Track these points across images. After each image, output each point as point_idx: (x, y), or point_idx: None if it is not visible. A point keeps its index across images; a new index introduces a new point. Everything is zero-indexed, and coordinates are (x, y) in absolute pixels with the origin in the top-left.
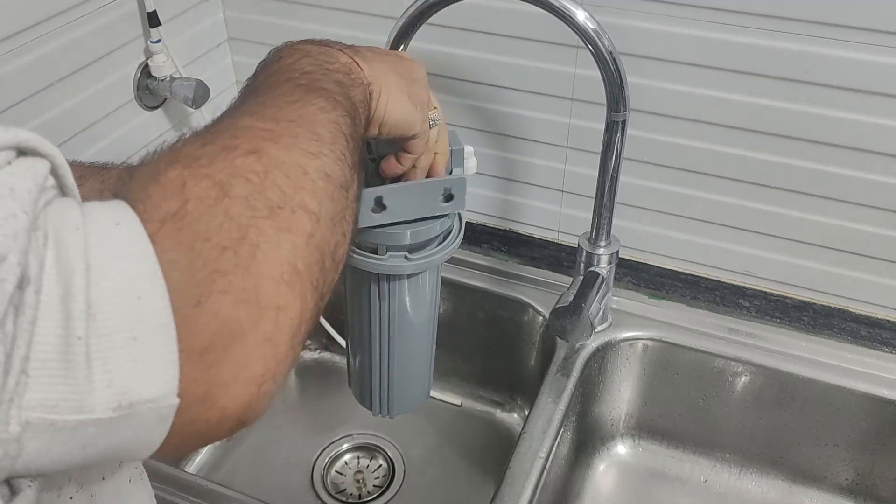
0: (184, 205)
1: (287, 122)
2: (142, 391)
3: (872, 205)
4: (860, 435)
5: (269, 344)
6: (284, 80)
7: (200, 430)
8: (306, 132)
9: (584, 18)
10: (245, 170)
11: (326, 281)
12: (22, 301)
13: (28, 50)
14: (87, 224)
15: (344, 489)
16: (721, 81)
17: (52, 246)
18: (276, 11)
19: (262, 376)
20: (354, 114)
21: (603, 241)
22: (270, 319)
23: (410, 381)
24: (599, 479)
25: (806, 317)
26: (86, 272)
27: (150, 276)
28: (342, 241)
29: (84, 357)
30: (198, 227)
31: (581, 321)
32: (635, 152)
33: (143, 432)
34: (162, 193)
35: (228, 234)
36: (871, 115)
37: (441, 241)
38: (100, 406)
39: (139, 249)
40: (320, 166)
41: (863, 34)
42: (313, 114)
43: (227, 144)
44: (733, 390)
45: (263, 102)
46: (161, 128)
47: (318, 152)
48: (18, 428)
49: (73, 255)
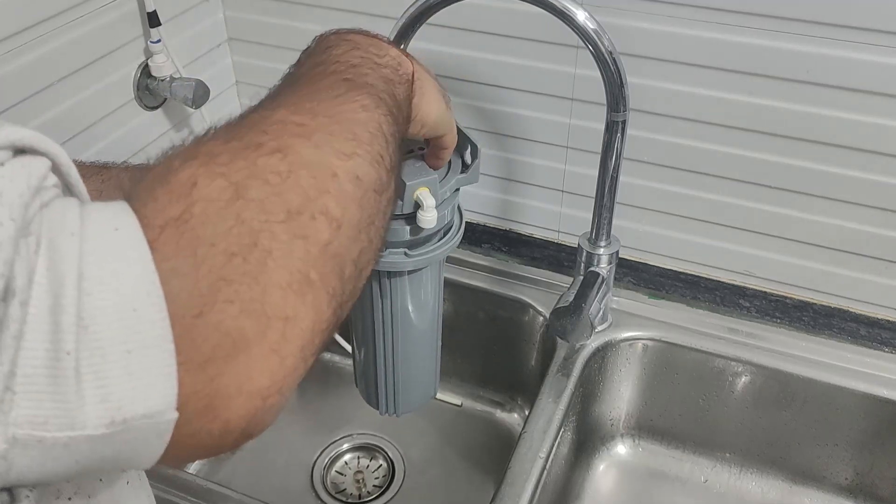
0: (189, 207)
1: (324, 118)
2: (137, 406)
3: (872, 205)
4: (860, 435)
5: (275, 356)
6: (330, 72)
7: (203, 443)
8: (343, 130)
9: (584, 18)
10: (266, 170)
11: (346, 290)
12: (6, 314)
13: (28, 50)
14: (84, 228)
15: (344, 489)
16: (721, 81)
17: (44, 253)
18: (276, 11)
19: (268, 389)
20: (398, 113)
21: (603, 241)
22: (277, 330)
23: (416, 379)
24: (599, 479)
25: (806, 317)
26: (78, 282)
27: (148, 286)
28: (367, 247)
29: (73, 372)
30: (202, 232)
31: (581, 321)
32: (635, 152)
33: (142, 447)
34: (169, 196)
35: (238, 240)
36: (871, 115)
37: (441, 238)
38: (91, 422)
39: (137, 256)
40: (352, 168)
41: (863, 34)
42: (354, 111)
43: (252, 141)
44: (733, 390)
45: (303, 95)
46: (161, 128)
47: (353, 153)
48: (5, 445)
49: (65, 264)
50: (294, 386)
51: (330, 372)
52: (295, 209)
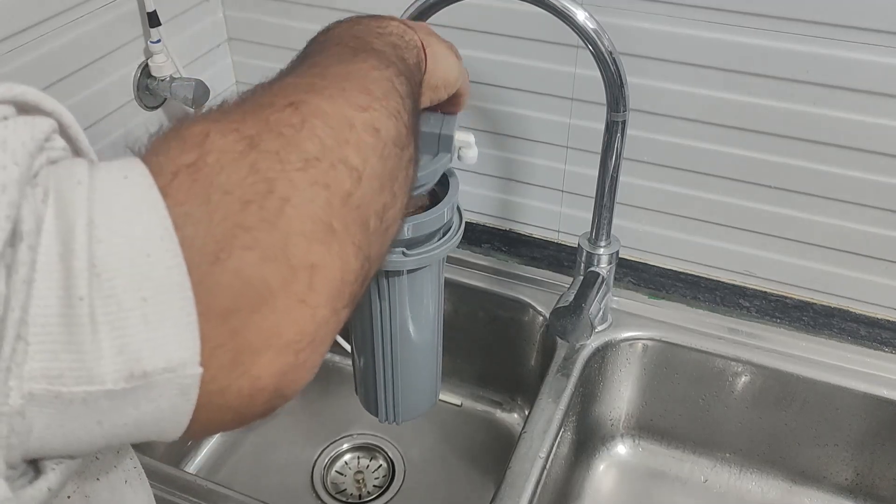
0: (203, 157)
1: (334, 77)
2: (157, 358)
3: (873, 205)
4: (860, 435)
5: (303, 306)
6: (334, 44)
7: (232, 403)
8: (355, 86)
9: (584, 18)
10: (280, 124)
11: (373, 244)
12: (15, 258)
13: (28, 50)
14: (92, 178)
15: (344, 489)
16: (721, 81)
17: (52, 203)
18: (276, 11)
19: (299, 343)
20: (410, 76)
21: (603, 241)
22: (303, 279)
23: (416, 385)
24: (599, 479)
25: (806, 317)
26: (88, 228)
27: (161, 231)
28: (391, 202)
29: (88, 320)
30: (217, 180)
31: (581, 321)
32: (635, 152)
33: (167, 407)
34: (181, 146)
35: (253, 188)
36: (871, 115)
37: (440, 238)
38: (110, 376)
39: (149, 202)
40: (369, 120)
41: (863, 34)
42: (365, 71)
43: (263, 101)
44: (733, 390)
45: (311, 63)
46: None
47: (368, 106)
48: (21, 400)
49: (74, 211)
50: (329, 341)
51: (331, 372)
52: (313, 156)
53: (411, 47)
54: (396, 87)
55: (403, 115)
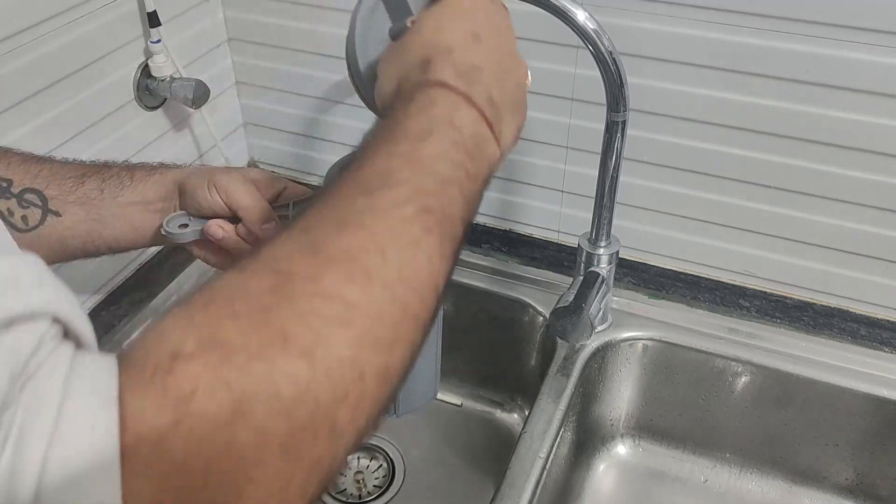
0: (178, 423)
1: (380, 289)
2: None
3: (873, 205)
4: (860, 435)
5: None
6: (403, 184)
7: None
8: (394, 310)
9: (584, 18)
10: (284, 378)
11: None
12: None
13: (28, 50)
14: (59, 423)
15: (344, 489)
16: (721, 81)
17: (10, 447)
18: (276, 11)
19: None
20: (467, 231)
21: (603, 241)
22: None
23: (416, 379)
24: (599, 479)
25: (806, 317)
26: (36, 487)
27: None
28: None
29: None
30: (181, 455)
31: (581, 321)
32: (635, 152)
33: None
34: (161, 401)
35: (219, 466)
36: (871, 115)
37: None
38: None
39: (104, 471)
40: (383, 364)
41: (863, 34)
42: (422, 263)
43: (282, 330)
44: (733, 390)
45: (366, 226)
46: (161, 128)
47: (394, 342)
48: None
49: (28, 468)
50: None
51: None
52: (299, 427)
53: (484, 160)
54: (437, 279)
55: (440, 287)
